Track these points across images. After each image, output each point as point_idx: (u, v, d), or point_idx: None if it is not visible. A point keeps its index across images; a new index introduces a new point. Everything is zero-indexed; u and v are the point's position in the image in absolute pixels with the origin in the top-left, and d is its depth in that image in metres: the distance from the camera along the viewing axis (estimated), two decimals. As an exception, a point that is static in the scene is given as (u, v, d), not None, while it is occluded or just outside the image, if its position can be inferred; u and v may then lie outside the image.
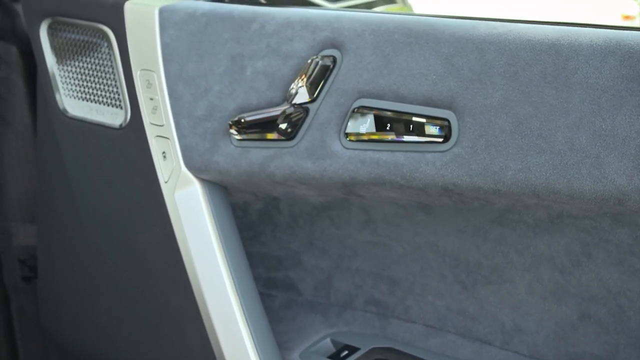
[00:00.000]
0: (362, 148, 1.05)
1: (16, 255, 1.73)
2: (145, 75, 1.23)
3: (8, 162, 1.69)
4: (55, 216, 1.49)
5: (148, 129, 1.24)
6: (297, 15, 1.13)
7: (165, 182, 1.22)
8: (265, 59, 1.14)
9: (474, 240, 1.12)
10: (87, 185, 1.37)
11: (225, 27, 1.17)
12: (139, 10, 1.25)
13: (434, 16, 1.05)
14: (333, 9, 1.15)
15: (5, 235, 1.71)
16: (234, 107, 1.16)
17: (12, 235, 1.71)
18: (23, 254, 1.73)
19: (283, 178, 1.12)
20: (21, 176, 1.71)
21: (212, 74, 1.18)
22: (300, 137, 1.10)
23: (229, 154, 1.16)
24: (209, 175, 1.18)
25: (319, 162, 1.08)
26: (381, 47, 1.04)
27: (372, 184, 1.05)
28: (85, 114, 1.34)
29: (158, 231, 1.25)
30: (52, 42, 1.37)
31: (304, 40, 1.11)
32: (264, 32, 1.14)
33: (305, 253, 1.27)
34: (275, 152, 1.12)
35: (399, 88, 1.03)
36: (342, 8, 1.16)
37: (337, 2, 1.46)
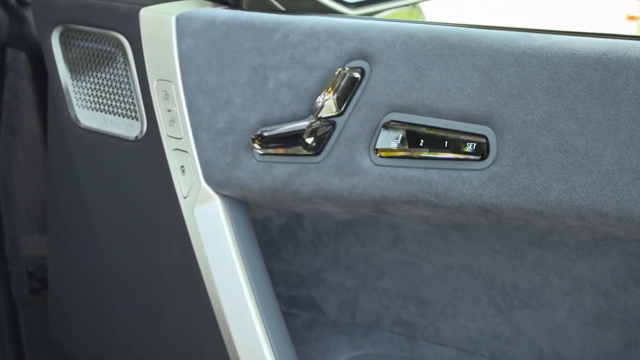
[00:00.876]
0: (393, 165, 1.01)
1: (24, 266, 1.70)
2: (162, 85, 1.19)
3: (16, 171, 1.66)
4: (68, 228, 1.44)
5: (165, 142, 1.19)
6: (322, 24, 1.08)
7: (184, 197, 1.18)
8: (289, 70, 1.09)
9: (511, 261, 1.07)
10: (101, 199, 1.33)
11: (247, 36, 1.13)
12: (154, 18, 1.20)
13: (468, 26, 1.00)
14: (360, 18, 1.10)
15: (13, 246, 1.67)
16: (256, 120, 1.11)
17: (20, 246, 1.68)
18: (31, 265, 1.69)
19: (309, 195, 1.07)
20: (29, 185, 1.67)
21: (233, 85, 1.13)
22: (327, 152, 1.05)
23: (252, 169, 1.11)
24: (230, 191, 1.14)
25: (347, 179, 1.03)
26: (413, 58, 1.00)
27: (404, 203, 1.00)
28: (99, 125, 1.29)
29: (176, 248, 1.20)
30: (64, 51, 1.33)
31: (330, 51, 1.06)
32: (287, 42, 1.09)
33: (329, 271, 1.23)
34: (300, 168, 1.07)
35: (432, 102, 0.98)
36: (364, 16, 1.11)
37: (358, 9, 1.41)
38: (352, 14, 1.43)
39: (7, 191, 1.64)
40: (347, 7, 1.42)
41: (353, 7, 1.43)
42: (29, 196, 1.67)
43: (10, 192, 1.65)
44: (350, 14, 1.43)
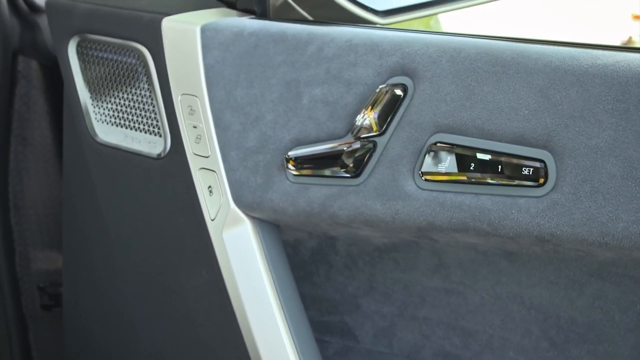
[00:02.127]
0: (440, 189, 0.94)
1: (35, 281, 1.64)
2: (187, 100, 1.12)
3: (27, 183, 1.60)
4: (84, 246, 1.37)
5: (191, 160, 1.13)
6: (360, 37, 1.01)
7: (211, 219, 1.11)
8: (324, 85, 1.02)
9: (567, 293, 1.00)
10: (122, 218, 1.26)
11: (278, 49, 1.06)
12: (178, 28, 1.13)
13: (521, 41, 0.93)
14: (400, 30, 1.03)
15: (23, 261, 1.62)
16: (290, 139, 1.04)
17: (31, 261, 1.62)
18: (43, 281, 1.63)
19: (347, 220, 1.00)
20: (41, 198, 1.61)
21: (263, 101, 1.06)
22: (367, 175, 0.99)
23: (285, 191, 1.04)
24: (261, 213, 1.07)
25: (389, 204, 0.97)
26: (461, 76, 0.93)
27: (453, 230, 0.94)
28: (119, 141, 1.22)
29: (203, 273, 1.14)
30: (82, 62, 1.26)
31: (370, 66, 0.99)
32: (322, 56, 1.03)
33: (364, 297, 1.16)
34: (338, 191, 1.01)
35: (484, 123, 0.91)
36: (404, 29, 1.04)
37: (389, 17, 1.34)
38: (382, 22, 1.37)
39: (17, 204, 1.59)
40: (377, 16, 1.36)
41: (383, 15, 1.36)
42: (40, 209, 1.61)
43: (21, 205, 1.60)
44: (381, 23, 1.37)
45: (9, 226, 1.57)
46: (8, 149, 1.54)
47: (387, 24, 1.38)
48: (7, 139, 1.54)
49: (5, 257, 1.56)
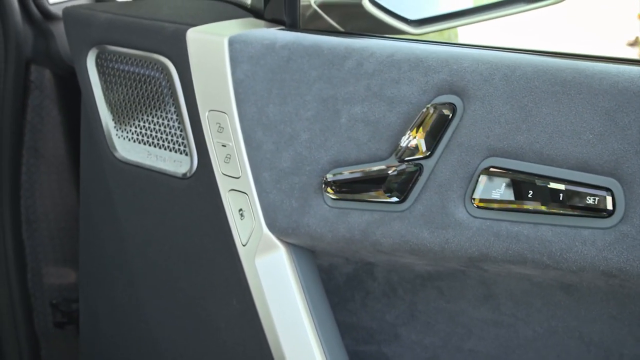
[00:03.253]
0: (495, 218, 0.88)
1: (48, 298, 1.60)
2: (215, 117, 1.06)
3: (39, 197, 1.55)
4: (103, 267, 1.31)
5: (220, 181, 1.06)
6: (402, 52, 0.95)
7: (243, 245, 1.05)
8: (364, 103, 0.96)
9: (632, 329, 0.94)
10: (144, 240, 1.20)
11: (313, 63, 1.00)
12: (204, 40, 1.07)
13: (581, 58, 0.87)
14: (446, 45, 0.97)
15: (36, 277, 1.58)
16: (327, 160, 0.98)
17: (43, 277, 1.59)
18: (56, 297, 1.59)
19: (391, 248, 0.94)
20: (53, 212, 1.57)
21: (298, 119, 1.00)
22: (413, 200, 0.92)
23: (323, 215, 0.98)
24: (296, 239, 1.01)
25: (438, 232, 0.90)
26: (517, 96, 0.87)
27: (508, 262, 0.87)
28: (142, 159, 1.16)
29: (235, 302, 1.07)
30: (101, 74, 1.20)
31: (414, 83, 0.93)
32: (361, 72, 0.96)
33: (404, 326, 1.09)
34: (381, 217, 0.94)
35: (542, 147, 0.85)
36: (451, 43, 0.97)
37: (422, 27, 1.27)
38: (415, 32, 1.30)
39: (29, 217, 1.54)
40: (410, 26, 1.29)
41: (416, 25, 1.30)
42: (53, 223, 1.57)
43: (33, 219, 1.55)
44: (414, 33, 1.30)
45: (20, 241, 1.52)
46: (20, 161, 1.49)
47: (420, 34, 1.32)
48: (19, 150, 1.49)
49: (16, 273, 1.52)
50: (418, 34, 1.31)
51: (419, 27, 1.30)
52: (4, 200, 1.49)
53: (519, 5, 1.33)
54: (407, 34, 1.30)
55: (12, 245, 1.51)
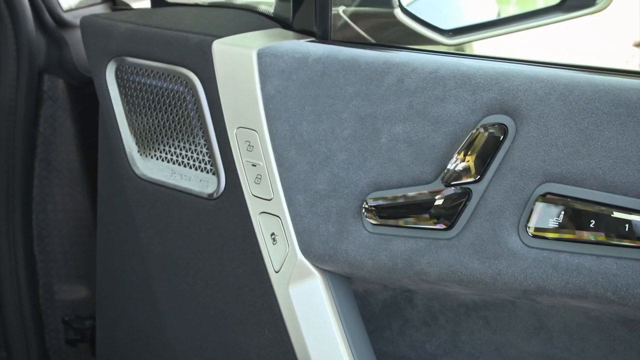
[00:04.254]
0: (553, 248, 0.82)
1: (60, 315, 1.57)
2: (244, 134, 1.00)
3: (52, 211, 1.51)
4: (122, 290, 1.25)
5: (250, 203, 1.00)
6: (447, 67, 0.89)
7: (275, 271, 0.99)
8: (407, 123, 0.90)
9: None
10: (168, 263, 1.14)
11: (349, 78, 0.94)
12: (231, 52, 1.01)
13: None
14: (496, 60, 0.91)
15: (47, 293, 1.54)
16: (366, 183, 0.92)
17: (55, 293, 1.55)
18: (68, 314, 1.55)
19: (438, 278, 0.88)
20: (66, 227, 1.53)
21: (334, 138, 0.94)
22: (461, 227, 0.87)
23: (362, 242, 0.92)
24: (333, 266, 0.95)
25: (490, 262, 0.85)
26: (576, 117, 0.81)
27: (567, 296, 0.81)
28: (165, 177, 1.10)
29: (267, 332, 1.01)
30: (122, 87, 1.14)
31: (461, 102, 0.87)
32: (402, 89, 0.91)
33: (445, 357, 1.04)
34: (427, 245, 0.89)
35: (605, 174, 0.79)
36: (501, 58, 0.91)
37: (456, 38, 1.22)
38: (449, 43, 1.25)
39: (41, 232, 1.49)
40: (444, 36, 1.24)
41: (450, 35, 1.25)
42: (65, 238, 1.53)
43: (45, 234, 1.50)
44: (448, 44, 1.25)
45: (32, 256, 1.48)
46: (32, 174, 1.45)
47: (454, 44, 1.26)
48: (31, 163, 1.44)
49: (28, 289, 1.48)
50: (452, 45, 1.25)
51: (453, 38, 1.26)
52: (16, 214, 1.45)
53: (556, 14, 1.28)
54: (440, 45, 1.25)
55: (23, 260, 1.47)
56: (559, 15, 1.27)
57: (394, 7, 1.21)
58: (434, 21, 1.23)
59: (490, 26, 1.28)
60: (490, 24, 1.29)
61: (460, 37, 1.25)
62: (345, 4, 1.22)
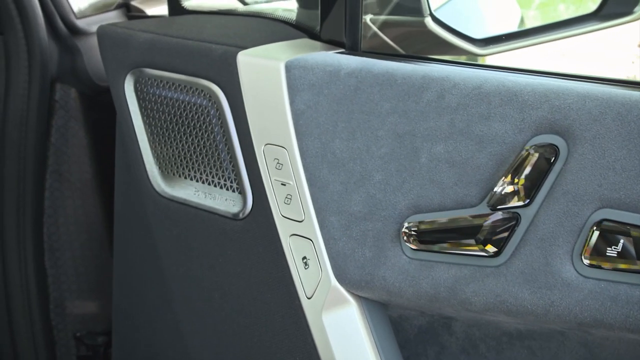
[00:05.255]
0: (610, 279, 0.77)
1: (72, 330, 1.53)
2: (272, 152, 0.95)
3: (63, 224, 1.47)
4: (141, 310, 1.20)
5: (280, 224, 0.95)
6: (491, 83, 0.84)
7: (307, 297, 0.94)
8: (448, 141, 0.85)
9: None
10: (191, 285, 1.09)
11: (385, 94, 0.89)
12: (257, 64, 0.96)
13: None
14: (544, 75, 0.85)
15: (58, 308, 1.51)
16: (406, 205, 0.87)
17: (67, 308, 1.52)
18: (79, 330, 1.51)
19: (484, 308, 0.83)
20: (78, 240, 1.49)
21: (370, 156, 0.89)
22: (509, 254, 0.82)
23: (402, 268, 0.87)
24: (370, 293, 0.90)
25: (542, 293, 0.80)
26: (635, 139, 0.76)
27: (628, 330, 0.76)
28: (188, 195, 1.05)
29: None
30: (141, 100, 1.09)
31: (508, 121, 0.82)
32: (443, 105, 0.86)
33: (485, 386, 0.99)
34: (472, 273, 0.84)
35: None
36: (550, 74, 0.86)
37: (487, 47, 1.17)
38: (481, 53, 1.20)
39: (52, 245, 1.45)
40: (475, 45, 1.20)
41: (482, 45, 1.20)
42: (77, 252, 1.49)
43: (56, 247, 1.46)
44: (480, 54, 1.20)
45: (43, 270, 1.44)
46: (43, 186, 1.40)
47: (486, 54, 1.22)
48: (43, 174, 1.40)
49: (38, 304, 1.45)
50: (484, 55, 1.21)
51: (485, 47, 1.21)
52: (26, 227, 1.41)
53: (591, 23, 1.23)
54: (471, 54, 1.20)
55: (34, 274, 1.43)
56: (594, 25, 1.22)
57: (425, 16, 1.16)
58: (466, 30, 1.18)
59: (523, 36, 1.23)
60: (523, 33, 1.25)
61: (492, 47, 1.20)
62: (372, 12, 1.17)
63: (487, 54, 1.20)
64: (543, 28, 1.24)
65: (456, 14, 1.32)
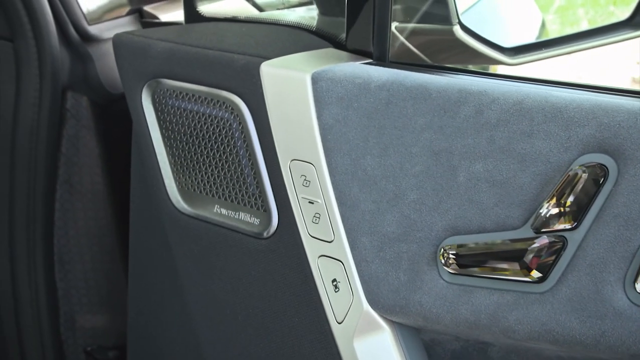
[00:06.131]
0: None
1: (82, 345, 1.50)
2: (299, 168, 0.91)
3: (74, 236, 1.44)
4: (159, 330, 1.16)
5: (308, 245, 0.91)
6: (533, 98, 0.80)
7: (338, 322, 0.90)
8: (488, 160, 0.81)
9: None
10: (212, 306, 1.05)
11: (419, 108, 0.84)
12: (282, 76, 0.92)
13: None
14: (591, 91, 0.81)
15: (68, 322, 1.48)
16: (443, 226, 0.83)
17: (77, 322, 1.49)
18: (90, 344, 1.49)
19: (527, 337, 0.79)
20: (89, 253, 1.46)
21: (403, 174, 0.85)
22: (555, 280, 0.77)
23: (439, 293, 0.83)
24: (405, 318, 0.86)
25: (592, 322, 0.75)
26: None
27: None
28: (209, 212, 1.01)
29: None
30: (159, 112, 1.05)
31: (552, 138, 0.78)
32: (482, 121, 0.81)
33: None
34: (515, 299, 0.79)
35: None
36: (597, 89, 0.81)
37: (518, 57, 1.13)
38: (511, 62, 1.15)
39: (62, 258, 1.42)
40: (505, 55, 1.15)
41: (512, 54, 1.15)
42: (88, 264, 1.46)
43: (67, 260, 1.43)
44: (510, 63, 1.15)
45: (53, 283, 1.42)
46: (54, 197, 1.36)
47: (516, 64, 1.17)
48: (53, 185, 1.36)
49: (48, 318, 1.42)
50: (514, 64, 1.16)
51: (515, 57, 1.16)
52: (36, 239, 1.38)
53: (625, 31, 1.18)
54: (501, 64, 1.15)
55: (43, 287, 1.40)
56: (628, 32, 1.17)
57: (453, 24, 1.11)
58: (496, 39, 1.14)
59: (554, 44, 1.18)
60: (554, 41, 1.19)
61: (522, 56, 1.15)
62: (398, 20, 1.13)
63: (517, 63, 1.15)
64: (575, 36, 1.19)
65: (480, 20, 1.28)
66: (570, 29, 1.87)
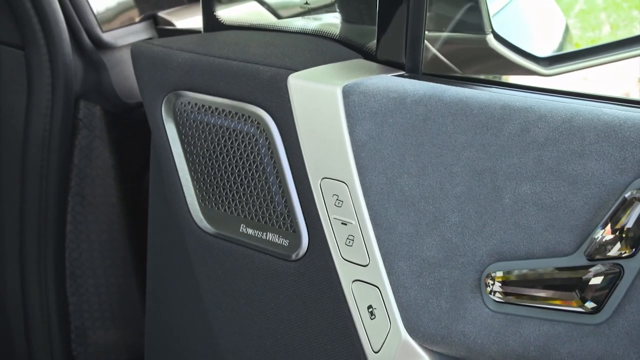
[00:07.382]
0: None
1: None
2: (331, 187, 0.86)
3: (86, 250, 1.40)
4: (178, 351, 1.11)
5: (341, 269, 0.86)
6: (584, 116, 0.75)
7: (374, 352, 0.85)
8: (536, 181, 0.76)
9: None
10: (238, 331, 1.00)
11: (460, 125, 0.80)
12: (311, 89, 0.87)
13: None
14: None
15: (80, 338, 1.44)
16: (487, 251, 0.78)
17: (89, 337, 1.45)
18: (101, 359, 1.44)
19: None
20: (102, 267, 1.43)
21: (444, 195, 0.80)
22: (611, 311, 0.73)
23: (484, 322, 0.78)
24: (447, 349, 0.81)
25: None
26: None
27: None
28: (234, 233, 0.96)
29: None
30: (180, 126, 1.00)
31: (606, 159, 0.73)
32: (528, 140, 0.76)
33: None
34: (567, 330, 0.74)
35: None
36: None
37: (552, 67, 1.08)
38: (546, 73, 1.11)
39: (74, 272, 1.39)
40: (539, 65, 1.10)
41: (546, 64, 1.11)
42: (101, 279, 1.42)
43: (79, 274, 1.39)
44: (545, 74, 1.11)
45: (64, 297, 1.38)
46: (65, 209, 1.32)
47: (551, 74, 1.12)
48: (65, 197, 1.32)
49: (59, 333, 1.38)
50: (549, 74, 1.12)
51: (550, 67, 1.11)
52: (48, 252, 1.34)
53: (663, 40, 1.14)
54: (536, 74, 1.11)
55: (55, 302, 1.36)
56: (666, 41, 1.13)
57: (487, 33, 1.07)
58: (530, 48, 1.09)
59: (590, 54, 1.13)
60: (589, 51, 1.15)
61: (557, 66, 1.10)
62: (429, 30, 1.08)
63: (552, 74, 1.10)
64: (611, 45, 1.15)
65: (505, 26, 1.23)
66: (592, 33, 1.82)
